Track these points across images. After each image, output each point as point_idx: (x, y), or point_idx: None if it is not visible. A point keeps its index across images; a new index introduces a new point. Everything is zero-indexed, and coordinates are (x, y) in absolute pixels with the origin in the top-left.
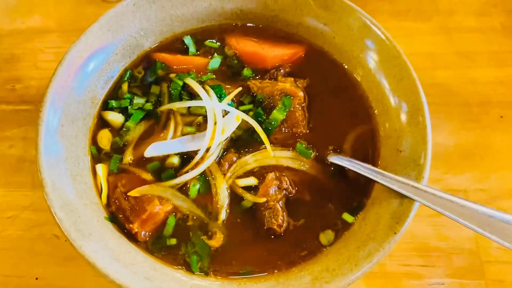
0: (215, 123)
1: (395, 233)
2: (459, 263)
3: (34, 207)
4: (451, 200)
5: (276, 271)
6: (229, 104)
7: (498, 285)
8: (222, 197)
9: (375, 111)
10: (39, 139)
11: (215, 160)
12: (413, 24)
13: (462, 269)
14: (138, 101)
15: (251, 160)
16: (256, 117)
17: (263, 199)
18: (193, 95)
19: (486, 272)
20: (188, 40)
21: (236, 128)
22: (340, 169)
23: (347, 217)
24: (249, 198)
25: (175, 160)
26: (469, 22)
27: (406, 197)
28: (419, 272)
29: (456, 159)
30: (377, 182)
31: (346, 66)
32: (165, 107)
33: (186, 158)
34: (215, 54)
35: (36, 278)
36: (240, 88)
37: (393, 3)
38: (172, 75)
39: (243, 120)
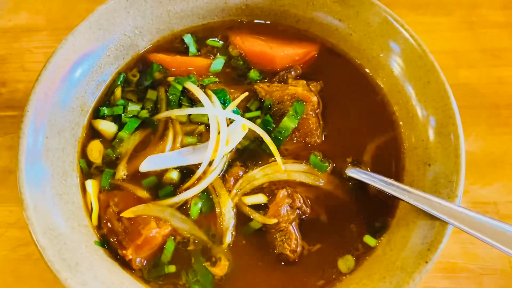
0: (219, 133)
1: (426, 262)
2: (491, 286)
3: (20, 224)
4: (493, 224)
5: None
6: (234, 111)
7: None
8: (227, 218)
9: (399, 118)
10: (20, 155)
11: (219, 175)
12: (434, 18)
13: None
14: (133, 108)
15: (259, 175)
16: (264, 125)
17: (274, 220)
18: (194, 101)
19: None
20: (188, 39)
21: (242, 138)
22: (360, 184)
23: (369, 240)
24: (258, 218)
25: (174, 175)
26: (495, 16)
27: (437, 218)
28: None
29: (484, 167)
30: (403, 200)
31: (364, 67)
32: (163, 114)
33: (186, 172)
34: (218, 54)
35: None
36: (247, 93)
37: None
38: (171, 79)
39: (250, 129)
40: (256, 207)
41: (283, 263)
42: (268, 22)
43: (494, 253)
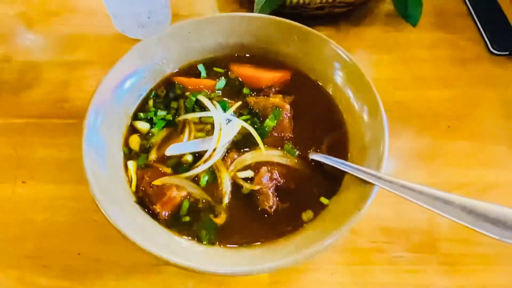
0: (221, 129)
1: (359, 209)
2: (415, 240)
3: (77, 198)
4: (403, 184)
5: (267, 241)
6: (231, 115)
7: (447, 257)
8: (226, 186)
9: (345, 119)
10: (84, 138)
11: (220, 157)
12: (378, 56)
13: (418, 245)
14: (161, 113)
15: (248, 157)
16: (252, 124)
17: (258, 187)
18: (204, 108)
19: (438, 247)
20: (200, 67)
21: (237, 133)
22: (319, 163)
23: (323, 200)
24: (247, 186)
25: (189, 158)
26: (423, 54)
27: (368, 183)
28: (383, 248)
29: (413, 159)
30: (347, 173)
31: (321, 84)
32: (182, 117)
33: (198, 156)
34: (221, 77)
35: (78, 253)
36: (240, 103)
37: (362, 40)
38: (188, 93)
39: (242, 127)
40: (246, 179)
41: (265, 215)
42: (256, 55)
43: (418, 217)
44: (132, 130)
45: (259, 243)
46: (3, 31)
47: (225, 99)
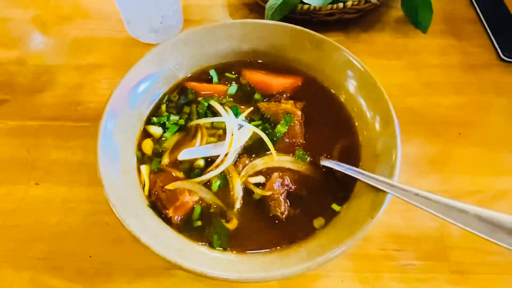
0: (232, 135)
1: (372, 217)
2: (426, 248)
3: (90, 200)
4: (416, 192)
5: (279, 247)
6: (243, 120)
7: (458, 265)
8: (237, 191)
9: (357, 126)
10: (98, 142)
11: (232, 162)
12: (388, 62)
13: (429, 253)
14: (174, 118)
15: (260, 163)
16: (264, 130)
17: (269, 193)
18: (216, 113)
19: (449, 255)
20: (212, 72)
21: (249, 139)
22: (330, 170)
23: (335, 207)
24: (258, 192)
25: (201, 162)
26: (433, 60)
27: (381, 190)
28: (394, 255)
29: (423, 166)
30: (359, 180)
31: (333, 91)
32: (194, 122)
33: (210, 161)
34: (233, 83)
35: (90, 256)
36: (252, 108)
37: (372, 46)
38: (200, 99)
39: (254, 132)
40: (257, 184)
41: (276, 221)
42: (268, 62)
43: (428, 225)
44: (145, 134)
45: (271, 249)
46: (18, 34)
47: (236, 104)
